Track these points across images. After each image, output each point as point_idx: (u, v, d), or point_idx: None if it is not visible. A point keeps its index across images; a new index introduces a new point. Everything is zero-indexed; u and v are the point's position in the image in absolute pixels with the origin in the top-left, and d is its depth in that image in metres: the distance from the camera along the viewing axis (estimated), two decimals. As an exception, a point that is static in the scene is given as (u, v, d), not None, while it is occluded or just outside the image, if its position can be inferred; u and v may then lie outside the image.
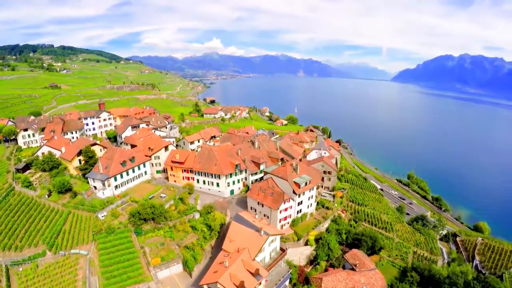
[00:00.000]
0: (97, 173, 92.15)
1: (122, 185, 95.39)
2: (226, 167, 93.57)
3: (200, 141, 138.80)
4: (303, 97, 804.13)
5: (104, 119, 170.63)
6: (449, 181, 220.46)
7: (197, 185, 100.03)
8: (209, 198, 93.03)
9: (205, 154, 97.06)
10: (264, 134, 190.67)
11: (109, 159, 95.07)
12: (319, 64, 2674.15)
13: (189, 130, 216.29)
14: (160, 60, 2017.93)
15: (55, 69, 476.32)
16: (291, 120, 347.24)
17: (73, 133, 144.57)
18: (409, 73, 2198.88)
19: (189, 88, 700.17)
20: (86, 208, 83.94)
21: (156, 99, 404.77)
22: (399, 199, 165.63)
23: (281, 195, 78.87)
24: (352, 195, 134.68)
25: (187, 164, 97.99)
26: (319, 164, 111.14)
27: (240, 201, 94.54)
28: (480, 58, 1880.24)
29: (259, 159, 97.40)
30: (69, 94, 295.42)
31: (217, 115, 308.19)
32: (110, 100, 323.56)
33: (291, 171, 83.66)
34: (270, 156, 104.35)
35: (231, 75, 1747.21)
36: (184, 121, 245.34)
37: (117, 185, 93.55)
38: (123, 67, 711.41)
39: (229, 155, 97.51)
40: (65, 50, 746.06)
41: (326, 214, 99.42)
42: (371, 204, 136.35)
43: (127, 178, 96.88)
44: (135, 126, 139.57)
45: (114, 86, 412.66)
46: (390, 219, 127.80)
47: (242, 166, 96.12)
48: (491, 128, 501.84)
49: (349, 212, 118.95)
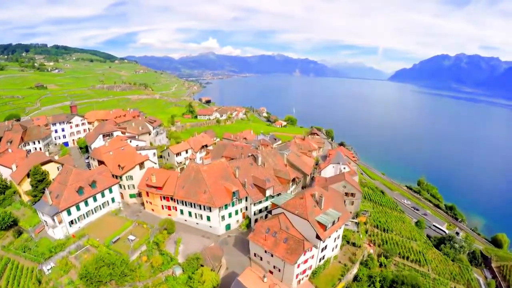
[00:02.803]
0: (45, 205, 66.87)
1: (80, 220, 70.31)
2: (219, 196, 68.05)
3: (188, 152, 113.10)
4: (300, 97, 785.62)
5: (77, 125, 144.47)
6: (459, 186, 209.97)
7: (180, 216, 74.50)
8: (196, 241, 67.18)
9: (191, 176, 71.31)
10: (265, 140, 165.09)
11: (62, 184, 69.53)
12: (315, 64, 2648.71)
13: (180, 135, 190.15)
14: (157, 60, 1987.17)
15: (46, 68, 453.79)
16: (290, 121, 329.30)
17: (36, 143, 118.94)
18: (406, 72, 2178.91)
19: (184, 88, 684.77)
20: (28, 256, 60.51)
21: (148, 100, 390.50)
22: (412, 209, 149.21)
23: (299, 243, 53.84)
24: (375, 217, 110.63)
25: (166, 190, 72.40)
26: (340, 184, 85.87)
27: (240, 241, 69.08)
28: (476, 57, 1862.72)
29: (265, 182, 71.95)
30: (56, 94, 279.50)
31: (212, 116, 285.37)
32: (98, 100, 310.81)
33: (313, 205, 58.37)
34: (278, 175, 78.82)
35: (227, 75, 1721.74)
36: (174, 124, 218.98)
37: (73, 220, 68.34)
38: (117, 66, 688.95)
39: (224, 177, 71.88)
40: (58, 49, 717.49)
41: (354, 254, 74.42)
42: (396, 228, 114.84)
43: (86, 209, 71.49)
44: (108, 134, 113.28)
45: (104, 86, 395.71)
46: (420, 246, 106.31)
47: (241, 194, 70.67)
48: (497, 129, 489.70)
49: (376, 242, 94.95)
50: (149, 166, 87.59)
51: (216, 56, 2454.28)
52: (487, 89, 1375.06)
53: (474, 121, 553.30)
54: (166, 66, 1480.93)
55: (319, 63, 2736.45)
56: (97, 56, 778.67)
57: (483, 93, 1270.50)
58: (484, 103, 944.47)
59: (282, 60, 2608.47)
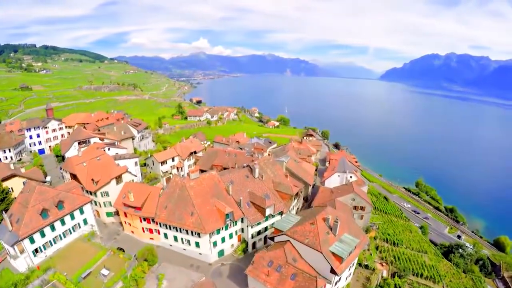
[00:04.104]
0: (5, 231, 54.89)
1: (46, 247, 58.20)
2: (209, 219, 56.29)
3: (175, 160, 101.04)
4: (292, 96, 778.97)
5: (54, 130, 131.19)
6: (456, 186, 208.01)
7: (165, 241, 62.65)
8: (183, 275, 54.71)
9: (175, 193, 59.42)
10: (260, 143, 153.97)
11: (23, 206, 57.18)
12: (306, 64, 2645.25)
13: (168, 138, 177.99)
14: (147, 60, 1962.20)
15: (34, 69, 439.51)
16: (283, 121, 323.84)
17: (7, 151, 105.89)
18: (396, 72, 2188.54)
19: (175, 88, 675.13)
20: (-17, 295, 48.85)
21: (137, 100, 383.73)
22: (413, 213, 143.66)
23: (311, 281, 42.79)
24: (383, 229, 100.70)
25: (146, 211, 60.48)
26: (349, 197, 75.10)
27: (236, 271, 57.26)
28: (466, 57, 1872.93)
29: (264, 200, 59.94)
30: (41, 96, 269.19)
31: (203, 117, 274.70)
32: (85, 102, 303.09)
33: (325, 232, 47.27)
34: (279, 190, 67.52)
35: (218, 75, 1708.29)
36: (162, 126, 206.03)
37: (37, 249, 56.54)
38: (107, 66, 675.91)
39: (214, 194, 60.14)
40: (47, 50, 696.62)
41: (368, 279, 63.85)
42: (405, 239, 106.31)
43: (53, 235, 59.46)
44: (84, 141, 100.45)
45: (91, 87, 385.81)
46: (432, 259, 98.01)
47: (236, 215, 59.02)
48: (490, 127, 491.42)
49: (388, 259, 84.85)
50: (128, 179, 75.49)
51: (207, 56, 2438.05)
52: (477, 88, 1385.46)
53: (467, 120, 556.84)
54: (156, 66, 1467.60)
55: (310, 62, 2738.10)
56: (87, 56, 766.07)
57: (474, 92, 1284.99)
58: (475, 101, 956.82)
59: (273, 60, 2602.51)
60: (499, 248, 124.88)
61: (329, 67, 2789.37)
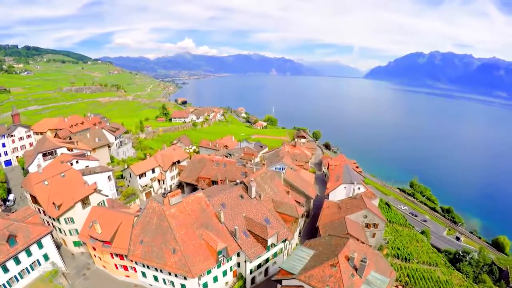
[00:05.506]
0: None
1: (-6, 293, 45.03)
2: (197, 257, 44.00)
3: (156, 171, 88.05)
4: (278, 96, 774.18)
5: (21, 138, 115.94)
6: (450, 184, 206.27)
7: (143, 279, 50.08)
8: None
9: (152, 223, 46.89)
10: (250, 148, 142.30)
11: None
12: (292, 63, 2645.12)
13: (150, 143, 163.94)
14: (132, 60, 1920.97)
15: (15, 71, 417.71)
16: (270, 122, 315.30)
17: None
18: (381, 70, 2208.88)
19: (160, 89, 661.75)
20: None
21: (120, 102, 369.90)
22: (411, 216, 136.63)
23: None
24: (393, 243, 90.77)
25: (117, 245, 47.83)
26: (360, 214, 64.31)
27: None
28: (450, 55, 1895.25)
29: (265, 229, 47.95)
30: (19, 99, 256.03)
31: (188, 119, 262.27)
32: (66, 104, 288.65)
33: (350, 274, 36.04)
34: (280, 211, 55.77)
35: (204, 74, 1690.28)
36: (143, 130, 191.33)
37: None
38: (90, 67, 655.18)
39: (202, 223, 47.75)
40: (29, 50, 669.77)
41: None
42: (414, 251, 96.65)
43: (6, 277, 46.74)
44: (50, 152, 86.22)
45: (72, 88, 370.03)
46: (445, 273, 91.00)
47: (231, 250, 46.80)
48: (476, 124, 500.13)
49: (402, 279, 75.21)
50: (98, 200, 62.46)
51: (192, 56, 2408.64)
52: (461, 86, 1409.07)
53: (453, 117, 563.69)
54: (141, 67, 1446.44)
55: (295, 62, 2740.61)
56: (70, 57, 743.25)
57: (458, 89, 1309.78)
58: (459, 98, 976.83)
59: (259, 60, 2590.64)
60: (498, 248, 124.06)
61: (315, 66, 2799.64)
